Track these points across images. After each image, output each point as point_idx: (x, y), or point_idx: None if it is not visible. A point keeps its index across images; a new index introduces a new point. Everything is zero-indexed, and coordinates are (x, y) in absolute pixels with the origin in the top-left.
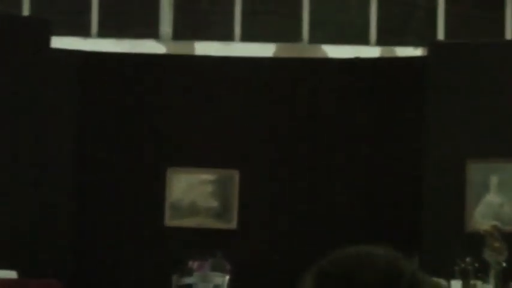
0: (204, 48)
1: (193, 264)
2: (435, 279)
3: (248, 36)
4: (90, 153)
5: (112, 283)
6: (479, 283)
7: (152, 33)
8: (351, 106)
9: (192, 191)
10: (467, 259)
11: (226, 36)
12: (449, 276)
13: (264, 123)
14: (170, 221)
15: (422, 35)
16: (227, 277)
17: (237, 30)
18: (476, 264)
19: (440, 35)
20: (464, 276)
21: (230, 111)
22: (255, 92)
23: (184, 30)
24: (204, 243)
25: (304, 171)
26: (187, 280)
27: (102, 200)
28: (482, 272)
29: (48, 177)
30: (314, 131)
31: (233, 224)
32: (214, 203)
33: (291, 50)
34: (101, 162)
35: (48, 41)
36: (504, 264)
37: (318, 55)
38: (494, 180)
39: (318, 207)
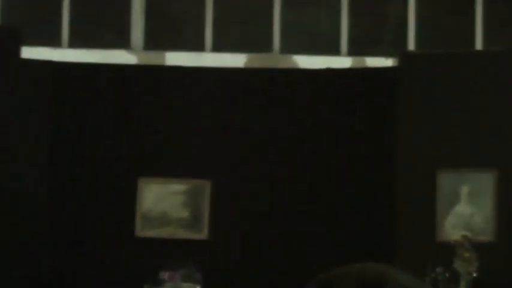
0: (175, 58)
1: (165, 274)
2: None
3: (219, 46)
4: (61, 163)
5: None
6: None
7: (123, 43)
8: (322, 117)
9: (163, 202)
10: (438, 269)
11: (197, 46)
12: None
13: (235, 133)
14: (141, 231)
15: (393, 45)
16: (198, 287)
17: (208, 40)
18: (447, 274)
19: (412, 45)
20: (435, 286)
21: (201, 122)
22: (226, 102)
23: (156, 40)
24: (175, 253)
25: (276, 182)
26: None
27: (72, 210)
28: (453, 282)
29: (19, 189)
30: (286, 141)
31: (204, 234)
32: (185, 214)
33: (262, 60)
34: (72, 173)
35: (18, 51)
36: (475, 275)
37: (289, 65)
38: (465, 190)
39: (290, 218)
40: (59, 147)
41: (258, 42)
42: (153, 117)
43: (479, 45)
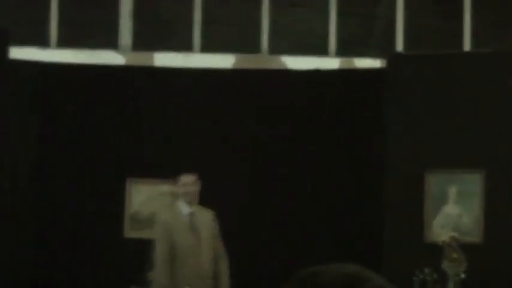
0: (164, 58)
1: (151, 276)
2: None
3: (208, 46)
4: (49, 164)
5: None
6: None
7: (111, 43)
8: (310, 117)
9: (152, 202)
10: (426, 270)
11: (185, 46)
12: (409, 287)
13: (224, 134)
14: (129, 232)
15: (381, 46)
16: None
17: (197, 40)
18: (435, 275)
19: (400, 46)
20: (423, 287)
21: (190, 122)
22: (214, 103)
23: (144, 41)
24: None
25: (265, 181)
26: None
27: (60, 210)
28: (441, 283)
29: (6, 188)
30: (274, 142)
31: None
32: None
33: (250, 61)
34: (60, 173)
35: (6, 51)
36: (463, 276)
37: (278, 66)
38: (453, 191)
39: (278, 217)
40: (47, 147)
41: (246, 43)
42: (142, 118)
43: (467, 46)
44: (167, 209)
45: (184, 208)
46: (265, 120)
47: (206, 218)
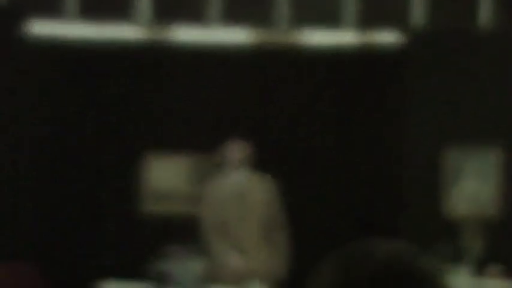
0: (181, 33)
1: (171, 250)
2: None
3: (225, 21)
4: (66, 139)
5: (88, 270)
6: (455, 268)
7: (129, 17)
8: (328, 93)
9: (171, 177)
10: (443, 244)
11: (203, 21)
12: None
13: (239, 110)
14: (147, 207)
15: (400, 21)
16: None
17: (215, 15)
18: (452, 250)
19: (419, 21)
20: (440, 262)
21: (208, 97)
22: (231, 78)
23: (161, 15)
24: (181, 229)
25: (278, 159)
26: (164, 267)
27: (76, 184)
28: (457, 258)
29: (10, 163)
30: (291, 118)
31: None
32: (192, 189)
33: (267, 36)
34: (78, 149)
35: (20, 26)
36: (481, 250)
37: (295, 41)
38: (471, 166)
39: (292, 196)
40: (65, 123)
41: (263, 18)
42: (161, 93)
43: (484, 20)
44: (214, 178)
45: (230, 176)
46: (282, 96)
47: (258, 184)
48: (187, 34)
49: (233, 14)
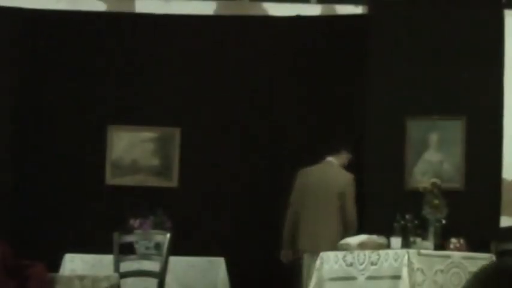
0: (144, 5)
1: (135, 222)
2: None
3: None
4: (29, 110)
5: (53, 242)
6: (418, 240)
7: None
8: (291, 65)
9: (133, 149)
10: (407, 216)
11: None
12: (389, 233)
13: (204, 82)
14: (111, 179)
15: None
16: (168, 234)
17: None
18: (416, 222)
19: None
20: (404, 233)
21: (171, 70)
22: (195, 50)
23: None
24: (145, 201)
25: (243, 130)
26: (129, 238)
27: (42, 158)
28: (421, 229)
29: None
30: (254, 91)
31: (174, 182)
32: (155, 161)
33: (232, 8)
34: (41, 121)
35: None
36: (443, 222)
37: (259, 13)
38: (434, 137)
39: (260, 164)
40: (28, 94)
41: None
42: (122, 65)
43: None
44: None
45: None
46: (246, 66)
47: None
48: (149, 6)
49: None
